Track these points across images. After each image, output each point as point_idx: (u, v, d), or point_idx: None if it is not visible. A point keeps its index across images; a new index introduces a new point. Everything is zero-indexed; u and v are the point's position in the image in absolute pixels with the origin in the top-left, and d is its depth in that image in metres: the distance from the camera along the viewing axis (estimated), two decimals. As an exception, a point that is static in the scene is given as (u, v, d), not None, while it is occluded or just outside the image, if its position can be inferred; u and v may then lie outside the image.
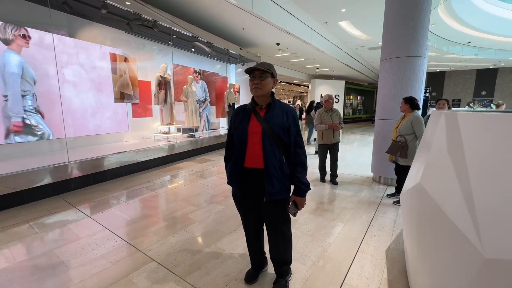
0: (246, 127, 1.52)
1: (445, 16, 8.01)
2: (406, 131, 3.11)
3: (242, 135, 1.53)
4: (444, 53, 10.90)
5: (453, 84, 17.55)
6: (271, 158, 1.48)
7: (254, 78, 1.48)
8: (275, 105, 1.55)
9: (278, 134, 1.49)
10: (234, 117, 1.64)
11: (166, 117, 6.14)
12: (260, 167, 1.50)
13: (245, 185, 1.57)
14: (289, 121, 1.53)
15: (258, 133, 1.49)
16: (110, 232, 2.57)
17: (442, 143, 1.34)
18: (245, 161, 1.53)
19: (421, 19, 3.72)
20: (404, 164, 3.13)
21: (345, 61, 11.50)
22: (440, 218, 1.16)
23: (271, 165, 1.48)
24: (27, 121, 3.88)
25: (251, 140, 1.51)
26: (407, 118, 3.16)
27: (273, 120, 1.50)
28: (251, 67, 1.49)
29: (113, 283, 1.83)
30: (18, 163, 3.57)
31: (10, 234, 2.53)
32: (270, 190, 1.49)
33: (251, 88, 1.51)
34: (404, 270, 2.01)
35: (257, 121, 1.51)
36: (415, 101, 3.13)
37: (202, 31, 6.40)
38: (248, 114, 1.56)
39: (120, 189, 3.91)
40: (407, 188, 1.87)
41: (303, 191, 1.55)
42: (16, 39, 3.67)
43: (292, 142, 1.53)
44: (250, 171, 1.54)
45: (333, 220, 2.89)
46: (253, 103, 1.57)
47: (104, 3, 4.16)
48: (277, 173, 1.49)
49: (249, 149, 1.52)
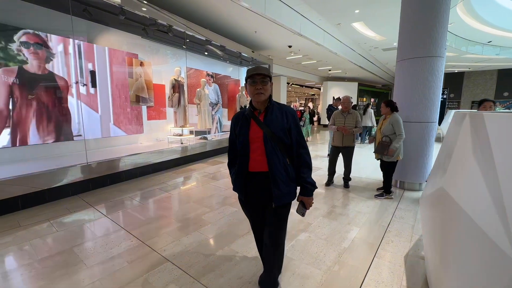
0: (247, 133, 1.50)
1: (464, 15, 7.74)
2: (389, 132, 3.47)
3: (244, 142, 1.51)
4: (463, 53, 10.52)
5: (472, 85, 16.88)
6: (275, 161, 1.46)
7: (255, 83, 1.44)
8: (274, 108, 1.52)
9: (279, 137, 1.47)
10: (233, 124, 1.62)
11: (180, 119, 6.24)
12: (264, 170, 1.49)
13: (251, 190, 1.56)
14: (289, 122, 1.51)
15: (260, 138, 1.48)
16: (126, 232, 2.63)
17: (467, 145, 1.28)
18: (249, 166, 1.52)
19: (439, 18, 3.61)
20: (388, 160, 3.52)
21: (358, 62, 11.32)
22: (466, 224, 1.10)
23: (275, 169, 1.46)
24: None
25: (253, 146, 1.50)
26: (387, 120, 3.52)
27: (273, 123, 1.48)
28: (252, 72, 1.44)
29: (129, 282, 1.86)
30: (40, 164, 3.72)
31: (32, 231, 2.64)
32: (278, 193, 1.47)
33: (252, 93, 1.47)
34: (425, 278, 1.93)
35: (257, 126, 1.49)
36: (394, 104, 3.56)
37: (215, 35, 6.49)
38: (247, 120, 1.53)
39: (135, 190, 3.99)
40: (427, 193, 1.80)
41: (309, 191, 1.54)
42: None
43: (294, 143, 1.51)
44: (255, 175, 1.53)
45: (348, 224, 2.82)
46: (252, 108, 1.54)
47: (122, 10, 4.30)
48: (282, 176, 1.48)
49: (252, 154, 1.50)
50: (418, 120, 3.83)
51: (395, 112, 3.54)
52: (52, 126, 4.13)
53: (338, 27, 8.23)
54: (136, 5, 4.49)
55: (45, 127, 4.04)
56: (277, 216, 1.56)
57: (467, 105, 17.06)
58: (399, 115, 3.49)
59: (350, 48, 10.00)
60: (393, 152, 3.39)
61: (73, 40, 4.10)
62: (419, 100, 3.80)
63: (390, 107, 3.54)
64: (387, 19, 7.30)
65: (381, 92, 20.89)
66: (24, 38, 3.71)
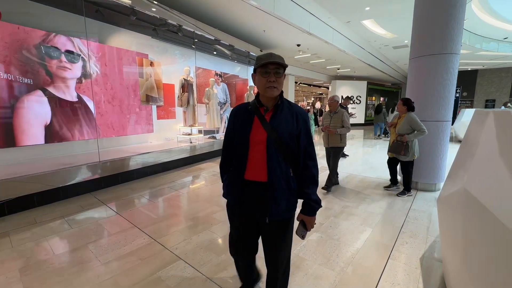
0: (248, 133, 1.25)
1: (479, 11, 7.52)
2: (405, 131, 3.42)
3: (244, 143, 1.26)
4: (477, 50, 10.22)
5: (486, 83, 16.39)
6: (276, 171, 1.22)
7: (268, 75, 1.17)
8: (284, 107, 1.26)
9: (286, 144, 1.22)
10: (233, 117, 1.34)
11: (189, 118, 6.29)
12: (262, 180, 1.25)
13: (245, 200, 1.30)
14: (300, 127, 1.25)
15: (263, 141, 1.22)
16: (138, 230, 2.65)
17: (491, 144, 1.23)
18: (245, 173, 1.28)
19: (455, 14, 3.50)
20: (405, 160, 3.52)
21: (367, 61, 11.15)
22: (492, 225, 1.06)
23: (276, 180, 1.22)
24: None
25: (253, 149, 1.25)
26: (403, 119, 3.47)
27: (281, 126, 1.22)
28: (266, 60, 1.15)
29: (143, 279, 1.88)
30: (55, 163, 3.81)
31: (48, 228, 2.70)
32: (275, 209, 1.24)
33: (263, 86, 1.19)
34: (442, 280, 1.88)
35: (261, 126, 1.24)
36: (411, 104, 3.47)
37: (223, 34, 6.51)
38: (250, 116, 1.27)
39: (146, 188, 4.04)
40: (446, 193, 1.74)
41: (313, 210, 1.29)
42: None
43: (302, 152, 1.26)
44: (250, 184, 1.28)
45: (360, 225, 2.78)
46: (257, 103, 1.28)
47: (133, 10, 4.35)
48: (283, 189, 1.24)
49: (251, 159, 1.25)
50: (433, 119, 3.74)
51: (411, 112, 3.46)
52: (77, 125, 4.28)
53: (347, 25, 8.12)
54: (146, 5, 4.53)
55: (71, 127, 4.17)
56: (274, 234, 1.32)
57: (481, 104, 16.58)
58: (414, 114, 3.44)
59: (360, 46, 9.86)
60: (408, 140, 3.38)
61: (86, 41, 4.17)
62: (433, 99, 3.70)
63: (407, 106, 3.47)
64: (398, 16, 7.16)
65: (391, 91, 20.54)
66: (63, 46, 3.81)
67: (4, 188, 2.96)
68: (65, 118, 4.16)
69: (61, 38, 3.99)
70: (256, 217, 1.32)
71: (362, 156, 6.68)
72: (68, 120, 4.19)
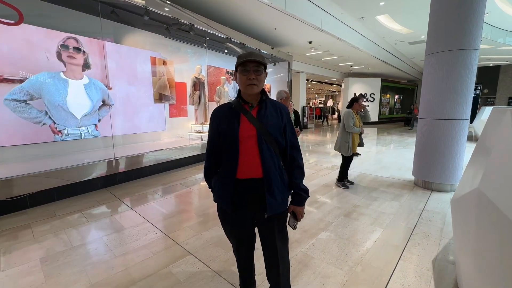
0: (236, 131, 1.24)
1: (501, 3, 7.14)
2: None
3: (233, 141, 1.25)
4: (499, 45, 9.72)
5: (510, 80, 15.56)
6: (271, 165, 1.25)
7: (248, 72, 1.21)
8: (267, 103, 1.32)
9: (275, 137, 1.27)
10: (215, 120, 1.32)
11: (200, 116, 6.37)
12: (257, 176, 1.26)
13: (238, 200, 1.29)
14: (284, 120, 1.31)
15: (253, 136, 1.24)
16: (150, 225, 2.74)
17: (508, 144, 1.18)
18: (237, 172, 1.26)
19: (475, 7, 3.35)
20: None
21: (382, 57, 10.85)
22: (507, 228, 1.02)
23: (271, 174, 1.25)
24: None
25: (244, 146, 1.25)
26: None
27: (268, 120, 1.26)
28: (244, 58, 1.20)
29: (154, 273, 1.94)
30: (72, 159, 3.98)
31: (66, 222, 2.83)
32: (272, 203, 1.25)
33: (244, 84, 1.23)
34: (455, 283, 1.83)
35: (249, 122, 1.25)
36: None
37: (235, 32, 6.52)
38: (236, 114, 1.28)
39: (158, 185, 4.14)
40: (460, 194, 1.69)
41: (303, 199, 1.34)
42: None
43: (288, 144, 1.32)
44: (244, 183, 1.27)
45: (370, 225, 2.73)
46: (241, 101, 1.31)
47: (147, 10, 4.45)
48: (278, 182, 1.27)
49: (243, 157, 1.25)
50: (449, 117, 3.61)
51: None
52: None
53: (361, 21, 7.93)
54: (159, 5, 4.62)
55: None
56: (272, 229, 1.34)
57: (503, 101, 15.79)
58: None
59: (374, 42, 9.61)
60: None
61: (102, 41, 4.31)
62: (450, 96, 3.57)
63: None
64: (414, 11, 6.92)
65: (406, 88, 19.92)
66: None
67: (27, 183, 3.13)
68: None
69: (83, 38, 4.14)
70: (252, 215, 1.35)
71: (375, 155, 6.58)
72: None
